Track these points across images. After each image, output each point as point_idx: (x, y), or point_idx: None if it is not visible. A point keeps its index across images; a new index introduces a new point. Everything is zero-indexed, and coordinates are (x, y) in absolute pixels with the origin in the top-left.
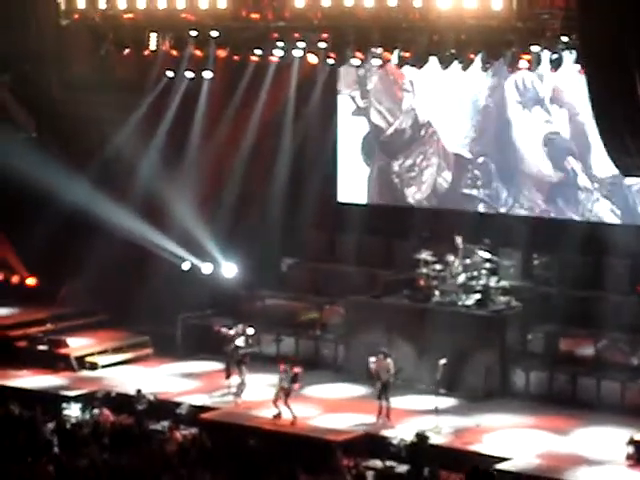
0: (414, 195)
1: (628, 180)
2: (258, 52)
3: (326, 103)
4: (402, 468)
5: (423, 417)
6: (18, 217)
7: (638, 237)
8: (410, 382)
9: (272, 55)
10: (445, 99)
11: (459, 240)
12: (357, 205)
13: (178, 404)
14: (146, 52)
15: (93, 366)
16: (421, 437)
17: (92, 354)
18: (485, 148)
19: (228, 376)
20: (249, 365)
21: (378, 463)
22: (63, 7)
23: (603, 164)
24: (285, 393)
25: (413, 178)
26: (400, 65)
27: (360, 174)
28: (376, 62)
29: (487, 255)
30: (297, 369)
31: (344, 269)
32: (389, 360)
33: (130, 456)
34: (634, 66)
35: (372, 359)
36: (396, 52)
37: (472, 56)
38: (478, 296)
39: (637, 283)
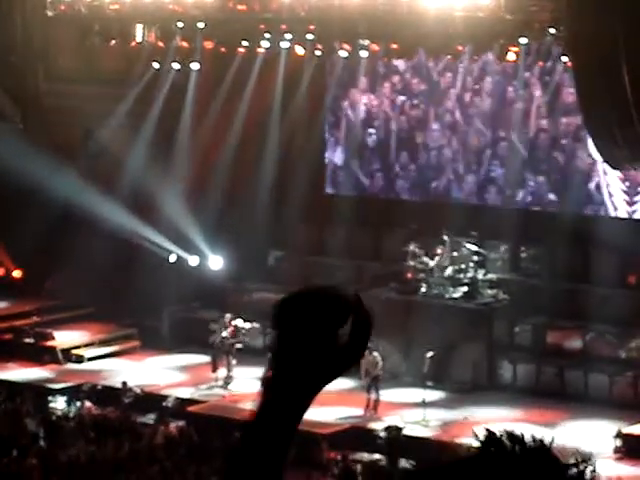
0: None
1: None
2: (245, 44)
3: (314, 95)
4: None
5: (410, 410)
6: (4, 209)
7: (626, 229)
8: (397, 375)
9: (259, 47)
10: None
11: (446, 233)
12: (345, 197)
13: (165, 397)
14: (132, 44)
15: (79, 359)
16: (393, 429)
17: (78, 347)
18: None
19: (215, 369)
20: (236, 357)
21: (365, 456)
22: None
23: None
24: None
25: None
26: (388, 57)
27: (348, 165)
28: (363, 54)
29: (474, 248)
30: None
31: (332, 261)
32: (375, 354)
33: (116, 449)
34: (622, 57)
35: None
36: (383, 44)
37: (460, 48)
38: (465, 289)
39: (628, 274)
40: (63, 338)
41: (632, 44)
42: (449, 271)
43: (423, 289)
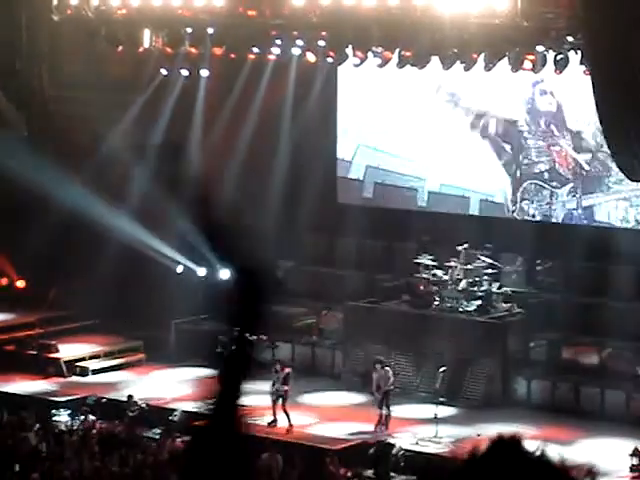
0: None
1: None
2: (255, 50)
3: (325, 102)
4: (400, 478)
5: (422, 426)
6: (8, 219)
7: None
8: (409, 390)
9: (270, 53)
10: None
11: (460, 245)
12: (357, 207)
13: (171, 411)
14: (140, 49)
15: (84, 371)
16: (382, 446)
17: (83, 359)
18: None
19: None
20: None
21: (368, 471)
22: (55, 2)
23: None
24: (279, 396)
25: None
26: (401, 65)
27: (361, 175)
28: (376, 61)
29: (489, 260)
30: (287, 369)
31: (342, 273)
32: (388, 368)
33: (120, 464)
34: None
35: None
36: (397, 51)
37: (475, 56)
38: (479, 302)
39: None
40: (67, 350)
41: None
42: (463, 284)
43: (436, 302)
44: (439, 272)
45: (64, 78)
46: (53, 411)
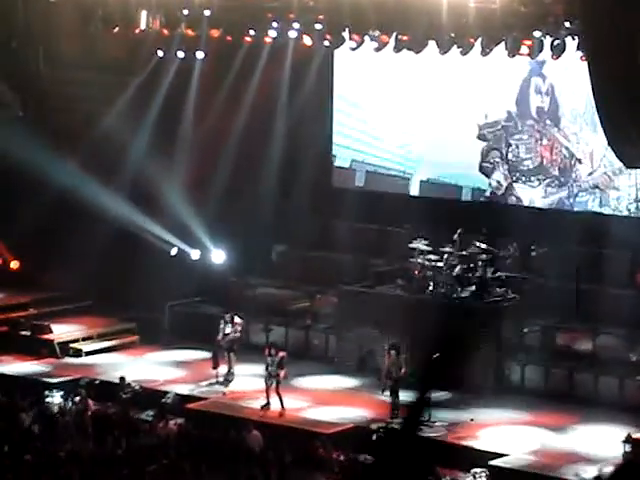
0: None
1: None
2: (252, 32)
3: (321, 86)
4: None
5: None
6: (2, 199)
7: (638, 229)
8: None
9: (267, 36)
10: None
11: (455, 230)
12: (351, 191)
13: (164, 393)
14: (136, 30)
15: (77, 353)
16: (386, 431)
17: (76, 340)
18: None
19: (216, 365)
20: (238, 354)
21: (368, 457)
22: None
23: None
24: (274, 379)
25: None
26: (398, 49)
27: (356, 159)
28: (373, 45)
29: (484, 246)
30: (282, 353)
31: (337, 257)
32: (402, 356)
33: (114, 446)
34: (638, 54)
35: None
36: (393, 35)
37: (472, 40)
38: (474, 288)
39: (636, 273)
40: (61, 331)
41: None
42: (457, 269)
43: (430, 287)
44: (434, 257)
45: (60, 59)
46: (46, 392)
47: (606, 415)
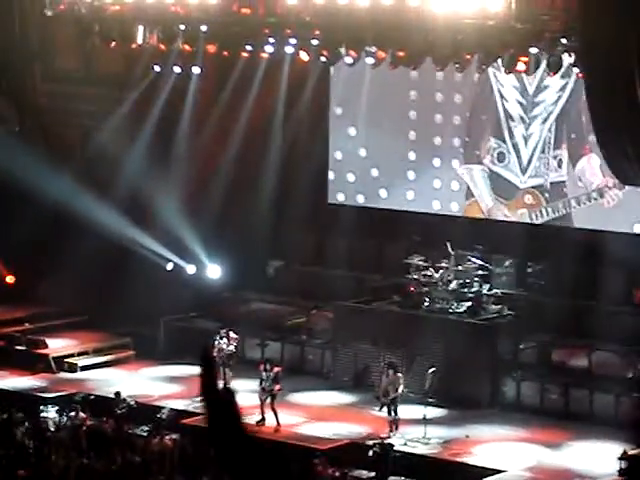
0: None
1: None
2: (248, 48)
3: (318, 102)
4: (391, 479)
5: (411, 427)
6: None
7: (634, 246)
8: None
9: (263, 51)
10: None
11: (451, 246)
12: (348, 207)
13: (159, 408)
14: (133, 45)
15: (72, 368)
16: (383, 447)
17: (72, 355)
18: None
19: None
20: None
21: (364, 473)
22: None
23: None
24: (269, 395)
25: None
26: (394, 65)
27: (352, 175)
28: (369, 61)
29: (479, 262)
30: (277, 368)
31: (333, 273)
32: (399, 375)
33: (108, 461)
34: (636, 70)
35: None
36: (390, 51)
37: (468, 57)
38: (469, 304)
39: (634, 289)
40: (56, 346)
41: None
42: (453, 285)
43: (426, 303)
44: (429, 272)
45: (56, 73)
46: (41, 407)
47: (601, 432)
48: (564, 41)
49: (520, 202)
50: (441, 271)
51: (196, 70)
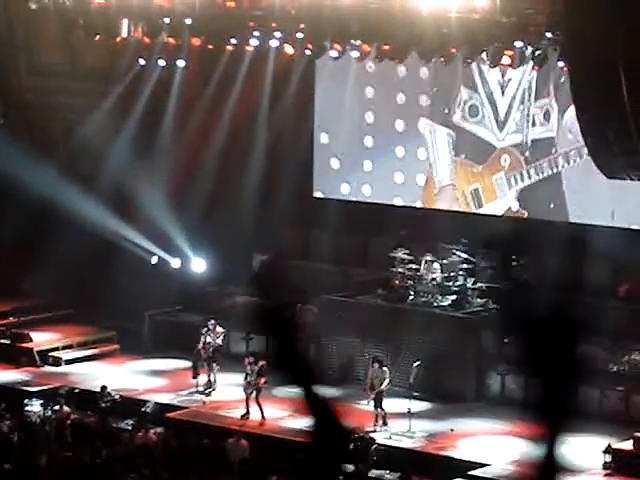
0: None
1: None
2: (233, 41)
3: (303, 95)
4: (375, 473)
5: (396, 420)
6: None
7: (620, 239)
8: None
9: (248, 45)
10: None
11: (436, 240)
12: (333, 201)
13: (144, 402)
14: (117, 39)
15: (57, 361)
16: (364, 441)
17: (56, 349)
18: None
19: (196, 375)
20: (218, 363)
21: (349, 467)
22: None
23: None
24: (254, 388)
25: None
26: (379, 58)
27: (337, 169)
28: (354, 54)
29: (464, 255)
30: (262, 362)
31: (317, 267)
32: (385, 369)
33: (93, 455)
34: (620, 64)
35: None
36: (375, 45)
37: (453, 51)
38: (454, 297)
39: (619, 285)
40: (40, 339)
41: (631, 51)
42: (438, 279)
43: (411, 297)
44: (414, 266)
45: (41, 67)
46: (25, 401)
47: (586, 425)
48: (549, 35)
49: (496, 165)
50: (426, 265)
51: (181, 63)
